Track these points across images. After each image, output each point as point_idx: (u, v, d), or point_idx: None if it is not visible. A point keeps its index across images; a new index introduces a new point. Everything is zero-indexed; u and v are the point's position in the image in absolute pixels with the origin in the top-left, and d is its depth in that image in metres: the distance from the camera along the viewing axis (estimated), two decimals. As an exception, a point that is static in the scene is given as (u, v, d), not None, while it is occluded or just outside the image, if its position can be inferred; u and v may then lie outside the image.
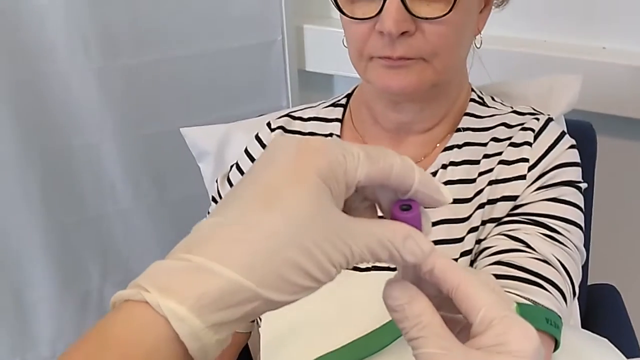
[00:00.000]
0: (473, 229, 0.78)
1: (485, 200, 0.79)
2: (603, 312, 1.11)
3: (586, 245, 0.98)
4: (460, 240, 0.78)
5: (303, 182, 0.35)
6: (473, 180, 0.81)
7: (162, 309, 0.32)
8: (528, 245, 0.73)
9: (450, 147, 0.83)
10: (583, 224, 0.78)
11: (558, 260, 0.72)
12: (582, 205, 0.79)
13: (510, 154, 0.81)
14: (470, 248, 0.78)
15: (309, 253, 0.34)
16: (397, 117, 0.84)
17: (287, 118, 0.93)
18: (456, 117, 0.86)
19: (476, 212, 0.79)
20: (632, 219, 1.37)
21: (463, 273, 0.39)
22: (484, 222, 0.78)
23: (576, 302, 1.02)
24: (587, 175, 0.98)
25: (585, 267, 1.08)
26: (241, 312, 0.34)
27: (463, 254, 0.78)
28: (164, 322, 0.32)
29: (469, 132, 0.84)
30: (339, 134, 0.90)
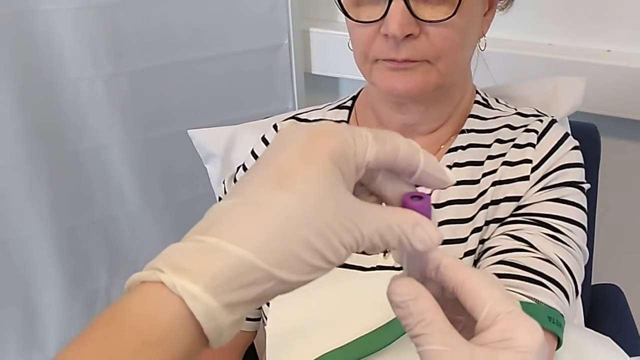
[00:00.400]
0: (477, 229, 0.79)
1: (488, 201, 0.79)
2: (606, 311, 1.11)
3: (590, 245, 0.98)
4: (464, 240, 0.79)
5: (315, 163, 0.35)
6: (477, 181, 0.81)
7: (176, 288, 0.32)
8: (531, 245, 0.73)
9: (455, 149, 0.84)
10: (586, 224, 0.79)
11: (561, 259, 0.73)
12: (585, 206, 0.80)
13: (514, 155, 0.81)
14: (474, 248, 0.79)
15: (321, 233, 0.34)
16: (402, 119, 0.85)
17: (293, 120, 0.94)
18: (460, 118, 0.86)
19: (480, 212, 0.79)
20: (636, 220, 1.37)
21: (468, 270, 0.39)
22: (487, 223, 0.79)
23: (580, 301, 1.02)
24: (591, 177, 0.98)
25: (589, 267, 1.08)
26: (255, 292, 0.34)
27: (467, 254, 0.78)
28: (179, 301, 0.33)
29: (473, 133, 0.85)
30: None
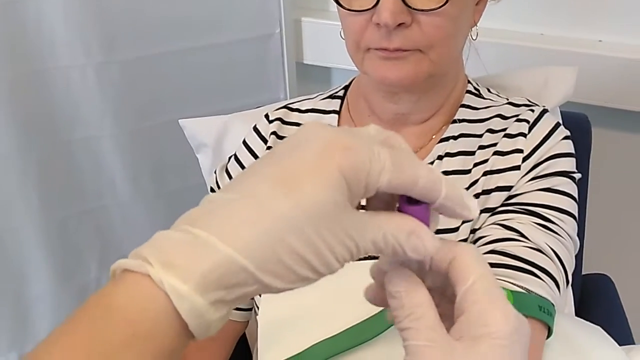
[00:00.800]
0: (468, 219, 0.79)
1: (480, 191, 0.79)
2: (597, 301, 1.11)
3: (580, 235, 0.99)
4: (455, 230, 0.79)
5: (323, 174, 0.35)
6: (468, 171, 0.81)
7: (164, 285, 0.33)
8: (522, 235, 0.74)
9: (446, 139, 0.84)
10: (577, 214, 0.79)
11: (551, 249, 0.73)
12: (576, 195, 0.80)
13: (505, 145, 0.81)
14: (465, 237, 0.79)
15: (311, 243, 0.34)
16: (394, 108, 0.85)
17: (284, 110, 0.94)
18: (452, 108, 0.86)
19: (471, 202, 0.79)
20: (626, 210, 1.38)
21: (460, 245, 0.39)
22: (478, 212, 0.79)
23: (570, 291, 1.03)
24: (582, 167, 0.98)
25: (579, 257, 1.09)
26: (240, 292, 0.34)
27: (458, 244, 0.79)
28: (164, 297, 0.33)
29: (465, 123, 0.85)
30: (336, 125, 0.90)
